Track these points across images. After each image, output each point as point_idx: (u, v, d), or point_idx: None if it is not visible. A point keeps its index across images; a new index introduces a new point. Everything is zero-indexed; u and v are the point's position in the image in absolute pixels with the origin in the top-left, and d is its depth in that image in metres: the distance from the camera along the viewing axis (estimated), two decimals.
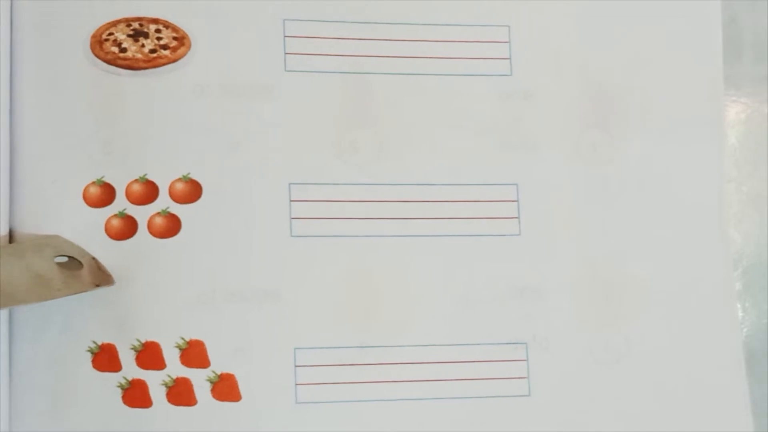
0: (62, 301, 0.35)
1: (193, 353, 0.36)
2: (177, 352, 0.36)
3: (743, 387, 0.39)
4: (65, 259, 0.34)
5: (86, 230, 0.36)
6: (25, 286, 0.33)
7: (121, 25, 0.37)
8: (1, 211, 0.35)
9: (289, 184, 0.37)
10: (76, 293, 0.34)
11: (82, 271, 0.34)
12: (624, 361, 0.38)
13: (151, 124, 0.36)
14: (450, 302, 0.37)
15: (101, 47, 0.36)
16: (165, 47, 0.37)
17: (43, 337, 0.35)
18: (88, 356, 0.35)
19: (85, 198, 0.36)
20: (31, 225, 0.36)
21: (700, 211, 0.40)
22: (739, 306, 0.40)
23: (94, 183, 0.36)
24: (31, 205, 0.36)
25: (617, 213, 0.39)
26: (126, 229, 0.36)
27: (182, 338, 0.36)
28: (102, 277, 0.35)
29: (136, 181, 0.36)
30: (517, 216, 0.38)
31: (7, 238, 0.35)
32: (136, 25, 0.37)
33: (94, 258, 0.35)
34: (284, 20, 0.38)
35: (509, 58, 0.39)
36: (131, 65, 0.36)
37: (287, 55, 0.38)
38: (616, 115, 0.40)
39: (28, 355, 0.35)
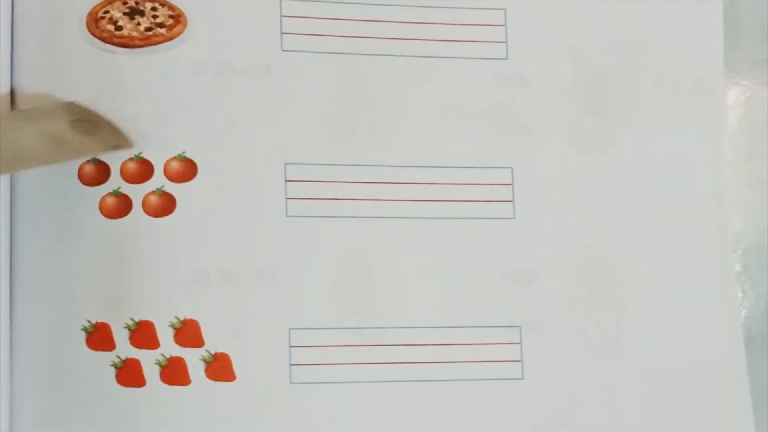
0: (57, 280, 0.35)
1: (187, 332, 0.36)
2: (171, 332, 0.35)
3: (742, 369, 0.38)
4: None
5: (80, 208, 0.35)
6: (42, 148, 0.32)
7: (117, 3, 0.37)
8: (0, 188, 0.35)
9: (285, 164, 0.37)
10: (94, 155, 0.34)
11: (98, 134, 0.34)
12: (618, 345, 0.38)
13: (146, 103, 0.36)
14: (444, 285, 0.37)
15: (97, 25, 0.36)
16: (161, 25, 0.37)
17: (40, 315, 0.35)
18: (83, 335, 0.35)
19: (79, 176, 0.36)
20: (28, 203, 0.35)
21: (697, 195, 0.39)
22: (738, 289, 0.39)
23: (89, 161, 0.36)
24: (27, 182, 0.35)
25: (612, 197, 0.39)
26: (120, 207, 0.36)
27: (176, 317, 0.36)
28: (120, 139, 0.34)
29: (131, 159, 0.36)
30: (511, 200, 0.38)
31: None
32: (132, 2, 0.37)
33: (110, 121, 0.34)
34: None
35: (505, 42, 0.39)
36: (127, 43, 0.36)
37: (284, 34, 0.38)
38: (613, 99, 0.39)
39: (26, 333, 0.35)
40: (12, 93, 0.35)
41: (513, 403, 0.37)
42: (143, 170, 0.36)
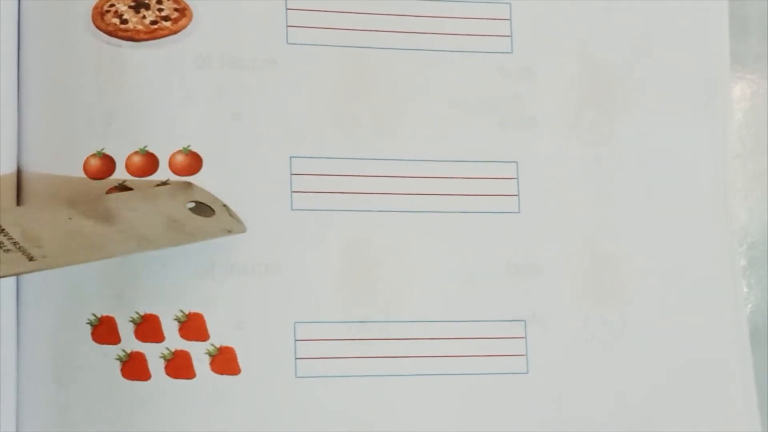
0: (63, 273, 0.35)
1: (193, 326, 0.35)
2: (176, 325, 0.35)
3: (748, 365, 0.38)
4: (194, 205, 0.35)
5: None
6: (159, 230, 0.32)
7: None
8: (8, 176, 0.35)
9: (290, 157, 0.37)
10: (208, 239, 0.34)
11: (213, 218, 0.34)
12: (623, 339, 0.38)
13: (151, 96, 0.36)
14: (450, 279, 0.37)
15: (102, 19, 0.36)
16: (166, 18, 0.37)
17: (45, 308, 0.35)
18: (88, 328, 0.35)
19: (85, 170, 0.36)
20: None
21: (703, 188, 0.39)
22: (743, 282, 0.39)
23: (94, 155, 0.36)
24: (34, 176, 0.35)
25: (618, 191, 0.39)
26: None
27: (181, 311, 0.35)
28: (233, 224, 0.35)
29: (136, 152, 0.36)
30: (516, 194, 0.38)
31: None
32: None
33: (225, 204, 0.35)
34: None
35: (510, 36, 0.39)
36: (132, 37, 0.36)
37: (289, 27, 0.38)
38: (618, 92, 0.39)
39: (31, 326, 0.35)
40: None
41: (518, 398, 0.37)
42: (148, 164, 0.36)
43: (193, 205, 0.34)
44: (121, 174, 0.36)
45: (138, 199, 0.33)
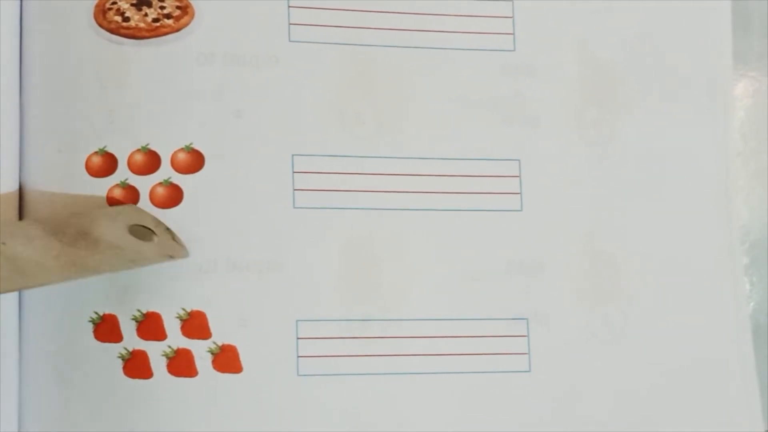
0: None
1: (194, 324, 0.35)
2: (178, 323, 0.35)
3: (750, 363, 0.38)
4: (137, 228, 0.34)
5: (88, 200, 0.35)
6: (99, 255, 0.32)
7: None
8: (10, 176, 0.35)
9: (293, 155, 0.37)
10: (148, 264, 0.33)
11: (155, 242, 0.34)
12: (624, 337, 0.38)
13: (153, 94, 0.36)
14: (452, 277, 0.37)
15: (104, 16, 0.36)
16: (168, 16, 0.37)
17: (48, 306, 0.35)
18: (90, 326, 0.35)
19: (87, 168, 0.36)
20: (36, 195, 0.35)
21: (704, 186, 0.39)
22: (745, 280, 0.39)
23: (96, 153, 0.36)
24: (37, 175, 0.36)
25: (619, 189, 0.39)
26: (128, 199, 0.36)
27: (183, 309, 0.35)
28: (175, 249, 0.34)
29: (138, 150, 0.36)
30: (519, 191, 0.38)
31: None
32: None
33: (168, 228, 0.34)
34: None
35: (513, 33, 0.39)
36: (134, 34, 0.36)
37: (291, 25, 0.38)
38: (620, 90, 0.39)
39: (34, 324, 0.35)
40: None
41: (520, 396, 0.37)
42: (150, 162, 0.36)
43: (135, 228, 0.33)
44: (123, 172, 0.36)
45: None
